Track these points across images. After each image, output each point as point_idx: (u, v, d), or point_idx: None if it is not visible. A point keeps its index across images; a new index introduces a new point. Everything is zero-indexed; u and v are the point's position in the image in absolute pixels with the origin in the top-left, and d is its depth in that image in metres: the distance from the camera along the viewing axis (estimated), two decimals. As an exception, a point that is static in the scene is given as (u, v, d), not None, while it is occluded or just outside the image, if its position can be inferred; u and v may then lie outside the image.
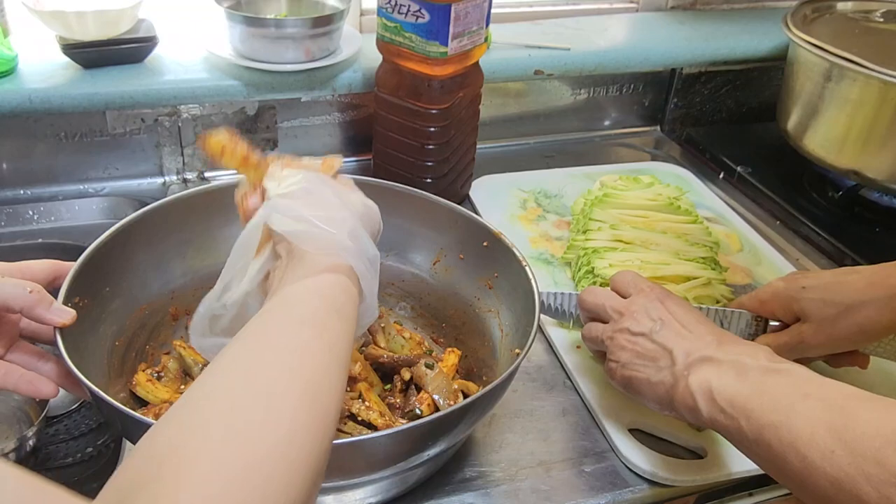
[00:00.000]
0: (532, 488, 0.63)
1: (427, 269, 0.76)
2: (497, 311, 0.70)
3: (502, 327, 0.69)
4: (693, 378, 0.55)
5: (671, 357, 0.58)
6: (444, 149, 0.91)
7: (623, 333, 0.62)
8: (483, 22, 0.86)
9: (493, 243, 0.70)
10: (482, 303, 0.71)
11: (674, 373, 0.57)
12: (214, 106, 0.97)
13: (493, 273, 0.71)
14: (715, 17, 1.25)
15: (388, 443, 0.52)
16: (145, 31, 0.93)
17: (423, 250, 0.76)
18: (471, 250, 0.73)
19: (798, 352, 0.68)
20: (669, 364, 0.58)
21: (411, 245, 0.76)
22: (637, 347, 0.60)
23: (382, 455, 0.53)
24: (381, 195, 0.74)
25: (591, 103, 1.19)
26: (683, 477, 0.64)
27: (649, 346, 0.60)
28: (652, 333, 0.60)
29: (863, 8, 1.10)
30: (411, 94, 0.88)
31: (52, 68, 0.91)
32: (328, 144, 1.06)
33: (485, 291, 0.71)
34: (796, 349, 0.68)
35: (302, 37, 0.93)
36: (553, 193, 1.02)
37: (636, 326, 0.61)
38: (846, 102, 0.94)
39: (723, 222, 0.99)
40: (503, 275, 0.69)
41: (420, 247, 0.76)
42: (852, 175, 0.98)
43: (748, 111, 1.28)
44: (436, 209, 0.74)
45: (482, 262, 0.72)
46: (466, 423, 0.56)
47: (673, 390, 0.56)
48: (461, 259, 0.74)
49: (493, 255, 0.70)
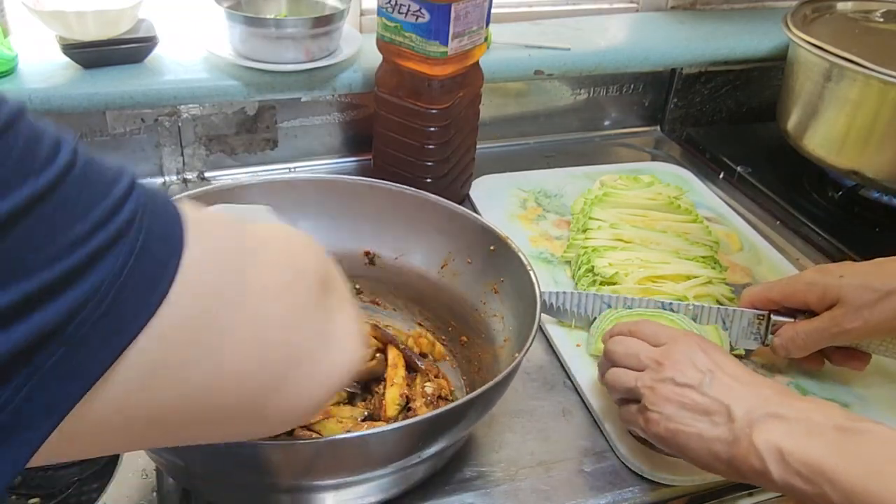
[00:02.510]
0: (532, 488, 0.63)
1: (435, 273, 0.76)
2: (502, 315, 0.69)
3: (507, 331, 0.68)
4: (758, 436, 0.50)
5: (728, 412, 0.53)
6: (444, 149, 0.91)
7: (666, 384, 0.57)
8: (483, 22, 0.86)
9: (500, 248, 0.70)
10: (488, 307, 0.71)
11: (733, 430, 0.52)
12: (214, 106, 0.97)
13: (500, 278, 0.70)
14: (715, 17, 1.25)
15: (387, 439, 0.52)
16: (145, 31, 0.93)
17: (432, 253, 0.76)
18: (478, 254, 0.72)
19: (830, 338, 0.67)
20: (726, 420, 0.53)
21: (420, 248, 0.76)
22: (685, 400, 0.55)
23: (381, 451, 0.53)
24: (390, 198, 0.75)
25: (591, 103, 1.19)
26: (683, 476, 0.64)
27: (699, 400, 0.55)
28: (702, 386, 0.55)
29: (863, 8, 1.10)
30: (411, 94, 0.88)
31: (52, 68, 0.91)
32: (328, 144, 1.06)
33: (491, 296, 0.71)
34: (828, 335, 0.67)
35: (302, 37, 0.93)
36: (553, 193, 1.02)
37: (682, 377, 0.56)
38: (846, 102, 0.94)
39: (723, 222, 0.99)
40: (509, 279, 0.69)
41: (428, 250, 0.76)
42: (852, 175, 0.98)
43: (748, 111, 1.28)
44: (444, 213, 0.73)
45: (489, 266, 0.71)
46: (468, 420, 0.56)
47: (733, 448, 0.52)
48: (469, 263, 0.73)
49: (501, 259, 0.70)
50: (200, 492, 0.61)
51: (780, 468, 0.49)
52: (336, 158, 1.07)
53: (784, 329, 0.71)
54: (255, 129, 1.01)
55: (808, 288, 0.69)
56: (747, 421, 0.52)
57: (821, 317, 0.68)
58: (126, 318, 0.27)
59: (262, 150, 1.03)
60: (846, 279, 0.67)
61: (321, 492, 0.56)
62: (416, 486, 0.61)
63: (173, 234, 0.30)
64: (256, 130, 1.01)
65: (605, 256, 0.84)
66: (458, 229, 0.73)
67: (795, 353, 0.71)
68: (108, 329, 0.27)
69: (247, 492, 0.57)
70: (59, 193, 0.26)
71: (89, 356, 0.27)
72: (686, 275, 0.82)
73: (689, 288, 0.81)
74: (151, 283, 0.28)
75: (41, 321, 0.25)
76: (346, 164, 1.07)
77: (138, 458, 0.62)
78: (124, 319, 0.27)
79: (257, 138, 1.02)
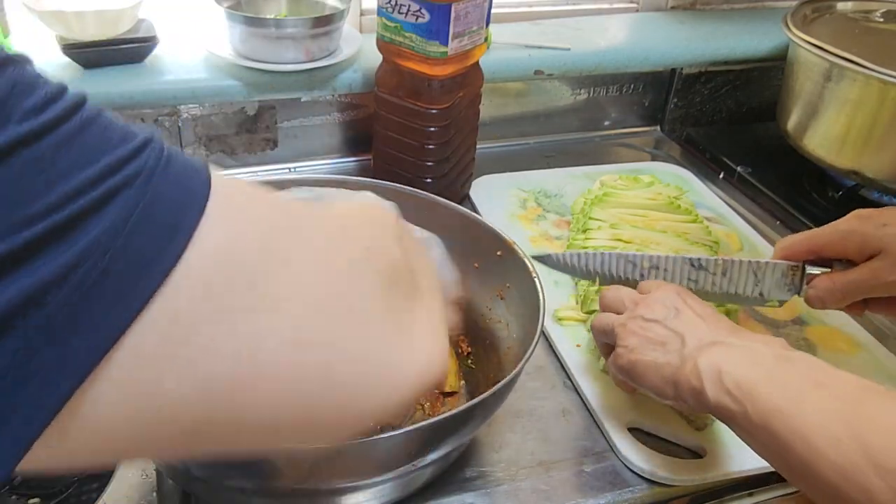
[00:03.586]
0: (532, 488, 0.63)
1: None
2: (507, 322, 0.69)
3: (511, 339, 0.68)
4: (702, 359, 0.53)
5: (682, 340, 0.56)
6: (444, 149, 0.91)
7: (636, 320, 0.60)
8: (483, 22, 0.86)
9: (506, 253, 0.69)
10: (493, 313, 0.71)
11: (682, 355, 0.55)
12: (214, 106, 0.97)
13: (506, 284, 0.70)
14: (715, 17, 1.25)
15: (389, 445, 0.52)
16: (145, 31, 0.93)
17: None
18: (485, 259, 0.71)
19: (869, 290, 0.65)
20: (679, 347, 0.56)
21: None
22: (648, 333, 0.59)
23: (382, 458, 0.53)
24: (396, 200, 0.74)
25: (591, 103, 1.19)
26: (683, 476, 0.64)
27: (661, 332, 0.58)
28: (665, 320, 0.59)
29: (863, 8, 1.10)
30: (411, 94, 0.88)
31: (52, 68, 0.90)
32: (328, 144, 1.06)
33: (496, 302, 0.71)
34: (867, 286, 0.65)
35: (302, 37, 0.93)
36: (553, 193, 1.02)
37: (650, 314, 0.60)
38: (846, 102, 0.94)
39: (722, 222, 0.99)
40: (515, 286, 0.68)
41: None
42: (852, 175, 0.98)
43: (748, 111, 1.27)
44: (451, 216, 0.73)
45: (496, 271, 0.71)
46: (470, 427, 0.56)
47: (679, 372, 0.55)
48: (476, 268, 0.73)
49: (506, 265, 0.69)
50: (200, 493, 0.60)
51: (715, 387, 0.51)
52: (336, 158, 1.07)
53: (819, 280, 0.67)
54: (255, 129, 1.01)
55: (847, 237, 0.66)
56: (697, 347, 0.55)
57: (860, 268, 0.65)
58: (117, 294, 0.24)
59: (262, 150, 1.03)
60: (889, 228, 0.63)
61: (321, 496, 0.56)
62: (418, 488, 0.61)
63: (190, 202, 0.26)
64: (256, 130, 1.01)
65: (605, 256, 0.84)
66: (465, 232, 0.72)
67: (832, 306, 0.68)
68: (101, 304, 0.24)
69: (247, 495, 0.57)
70: (41, 146, 0.23)
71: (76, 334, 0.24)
72: (686, 275, 0.82)
73: (689, 288, 0.81)
74: (152, 255, 0.25)
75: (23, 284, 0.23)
76: (345, 164, 1.07)
77: (142, 458, 0.62)
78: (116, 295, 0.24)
79: (257, 138, 1.02)
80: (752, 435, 0.50)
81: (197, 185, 0.26)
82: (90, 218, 0.24)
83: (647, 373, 0.58)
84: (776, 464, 0.49)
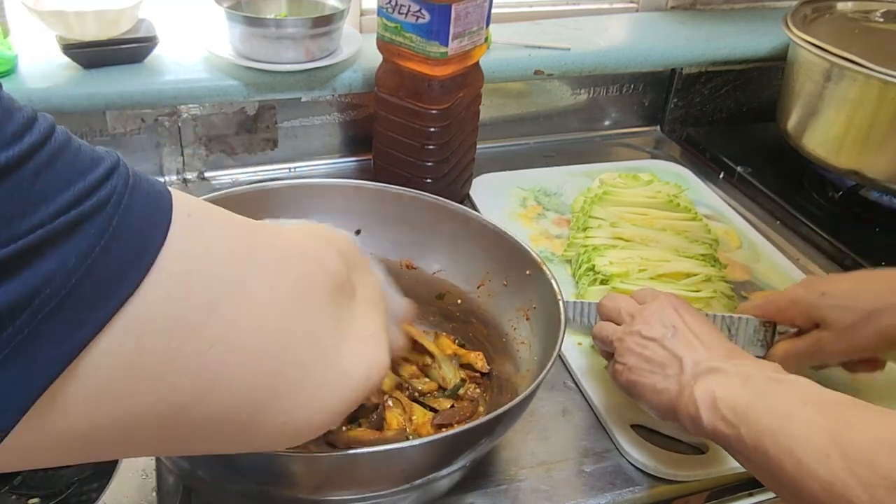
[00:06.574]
0: (532, 488, 0.64)
1: (471, 291, 0.74)
2: (530, 343, 0.68)
3: (531, 362, 0.67)
4: (698, 387, 0.54)
5: (680, 365, 0.57)
6: (444, 149, 0.91)
7: (634, 336, 0.61)
8: (483, 22, 0.86)
9: (535, 273, 0.68)
10: (517, 332, 0.70)
11: (680, 382, 0.56)
12: (214, 106, 0.97)
13: (532, 304, 0.69)
14: (715, 17, 1.25)
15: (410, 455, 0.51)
16: (145, 31, 0.93)
17: (469, 272, 0.74)
18: (514, 277, 0.71)
19: (817, 359, 0.67)
20: (677, 373, 0.57)
21: (458, 265, 0.75)
22: (646, 352, 0.59)
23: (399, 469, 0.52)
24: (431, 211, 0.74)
25: (591, 103, 1.19)
26: (685, 472, 0.64)
27: (659, 352, 0.59)
28: (663, 339, 0.59)
29: (863, 8, 1.10)
30: (411, 95, 0.88)
31: (52, 68, 0.91)
32: (328, 144, 1.06)
33: (522, 322, 0.70)
34: (815, 356, 0.67)
35: (302, 37, 0.93)
36: (553, 191, 1.02)
37: (648, 331, 0.60)
38: (846, 102, 0.94)
39: (722, 220, 1.00)
40: (541, 307, 0.67)
41: (466, 268, 0.74)
42: (852, 175, 0.98)
43: (748, 111, 1.28)
44: (485, 232, 0.72)
45: (523, 290, 0.70)
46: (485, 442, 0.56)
47: (677, 399, 0.56)
48: (504, 286, 0.72)
49: (534, 285, 0.68)
50: (201, 492, 0.60)
51: (710, 413, 0.52)
52: (336, 158, 1.07)
53: (780, 343, 0.70)
54: (255, 129, 1.01)
55: (792, 305, 0.68)
56: (693, 374, 0.56)
57: (805, 337, 0.67)
58: (86, 309, 0.26)
59: (262, 150, 1.03)
60: (827, 298, 0.66)
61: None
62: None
63: (153, 226, 0.28)
64: (256, 130, 1.01)
65: (605, 255, 0.84)
66: (496, 249, 0.72)
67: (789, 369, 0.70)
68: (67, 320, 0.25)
69: (251, 500, 0.57)
70: (18, 175, 0.24)
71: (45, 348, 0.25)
72: (685, 272, 0.83)
73: (688, 285, 0.81)
74: (118, 275, 0.27)
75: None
76: (346, 165, 1.07)
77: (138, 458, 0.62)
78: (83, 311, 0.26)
79: (257, 138, 1.02)
80: (748, 457, 0.50)
81: (161, 208, 0.29)
82: (64, 240, 0.25)
83: (646, 394, 0.59)
84: (771, 485, 0.49)
